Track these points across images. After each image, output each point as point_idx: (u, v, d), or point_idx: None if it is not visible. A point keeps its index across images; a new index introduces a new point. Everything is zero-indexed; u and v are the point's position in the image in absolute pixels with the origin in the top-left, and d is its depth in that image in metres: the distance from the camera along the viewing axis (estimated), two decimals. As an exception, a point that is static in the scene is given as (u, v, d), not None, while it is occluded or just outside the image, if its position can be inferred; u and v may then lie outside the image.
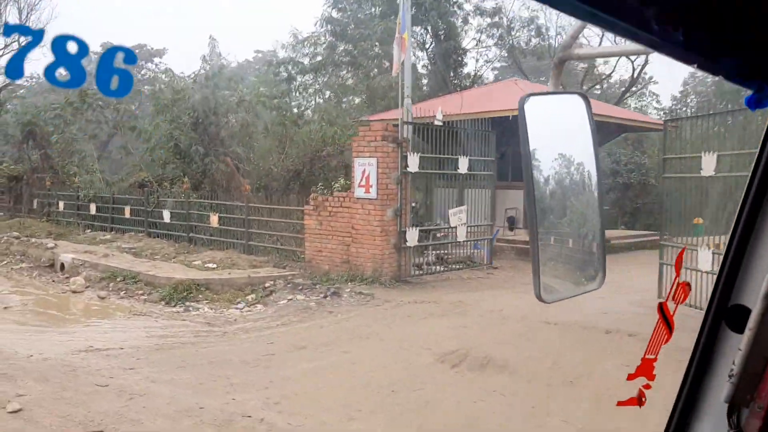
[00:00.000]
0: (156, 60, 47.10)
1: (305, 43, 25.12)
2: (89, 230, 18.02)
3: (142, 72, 39.04)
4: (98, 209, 18.30)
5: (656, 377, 1.28)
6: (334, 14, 24.36)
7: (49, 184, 20.42)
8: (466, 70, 28.23)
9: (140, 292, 11.36)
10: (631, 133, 22.82)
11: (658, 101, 35.60)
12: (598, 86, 32.68)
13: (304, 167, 19.18)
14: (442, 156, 12.01)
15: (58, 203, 19.70)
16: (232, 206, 14.87)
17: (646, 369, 1.31)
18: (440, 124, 11.69)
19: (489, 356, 7.22)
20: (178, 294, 10.89)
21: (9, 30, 0.86)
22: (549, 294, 1.36)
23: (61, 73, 0.82)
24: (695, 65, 1.01)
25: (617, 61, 37.77)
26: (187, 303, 10.65)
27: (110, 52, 0.86)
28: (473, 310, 9.42)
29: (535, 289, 1.30)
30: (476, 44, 27.92)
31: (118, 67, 0.86)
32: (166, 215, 15.88)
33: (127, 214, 17.19)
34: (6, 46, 28.32)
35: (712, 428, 1.28)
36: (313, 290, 10.73)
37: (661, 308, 1.29)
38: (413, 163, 11.09)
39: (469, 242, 13.18)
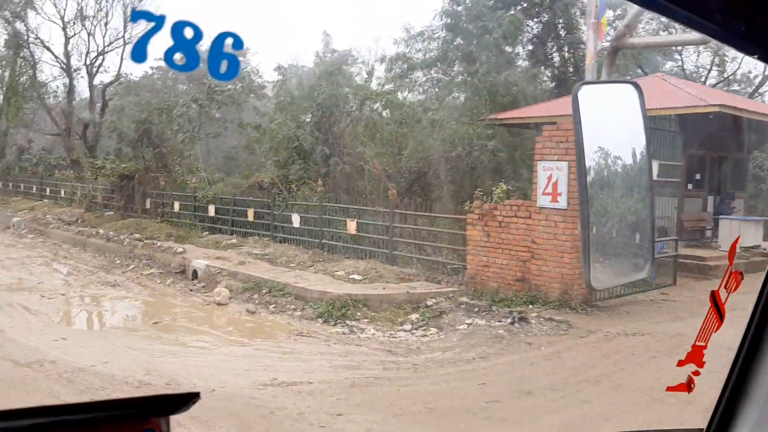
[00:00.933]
0: (241, 59, 46.98)
1: (419, 38, 23.87)
2: (207, 233, 17.25)
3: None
4: (217, 211, 17.51)
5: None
6: (454, 7, 22.99)
7: (163, 183, 19.83)
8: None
9: (292, 306, 10.29)
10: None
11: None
12: (721, 85, 30.15)
13: (429, 169, 17.91)
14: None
15: (173, 203, 19.06)
16: (373, 212, 13.72)
17: (695, 356, 1.33)
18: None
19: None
20: (336, 311, 9.77)
21: (135, 16, 0.92)
22: (598, 281, 1.41)
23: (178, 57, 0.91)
24: (755, 56, 1.00)
25: (743, 57, 34.96)
26: (347, 322, 9.51)
27: (220, 37, 0.92)
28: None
29: (584, 276, 1.36)
30: (599, 38, 25.97)
31: (227, 52, 0.92)
32: (296, 219, 14.87)
33: (250, 217, 16.30)
34: (110, 43, 28.24)
35: (759, 415, 1.30)
36: (491, 313, 9.38)
37: (713, 297, 1.30)
38: (606, 168, 9.58)
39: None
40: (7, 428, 0.76)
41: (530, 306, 9.56)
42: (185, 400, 0.82)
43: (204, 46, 0.92)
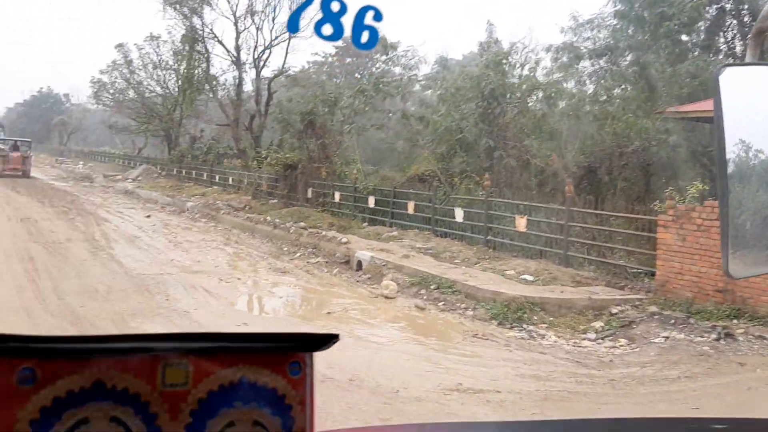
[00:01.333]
0: (391, 53, 47.08)
1: (587, 26, 22.57)
2: (366, 224, 17.33)
3: (377, 66, 38.70)
4: (376, 202, 17.54)
5: None
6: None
7: (324, 174, 20.23)
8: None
9: (462, 305, 9.90)
10: None
11: None
12: None
13: (602, 164, 16.79)
14: None
15: (333, 194, 19.38)
16: (545, 209, 13.02)
17: None
18: None
19: None
20: (512, 313, 9.25)
21: None
22: (738, 269, 1.32)
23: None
24: None
25: None
26: (524, 326, 8.95)
27: (362, 10, 1.12)
28: None
29: (723, 263, 1.26)
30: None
31: (368, 24, 1.07)
32: (459, 214, 14.47)
33: (410, 210, 16.13)
34: (275, 38, 29.23)
35: None
36: (689, 326, 8.42)
37: None
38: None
39: None
40: (177, 348, 0.79)
41: (734, 321, 8.49)
42: (326, 340, 0.86)
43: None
